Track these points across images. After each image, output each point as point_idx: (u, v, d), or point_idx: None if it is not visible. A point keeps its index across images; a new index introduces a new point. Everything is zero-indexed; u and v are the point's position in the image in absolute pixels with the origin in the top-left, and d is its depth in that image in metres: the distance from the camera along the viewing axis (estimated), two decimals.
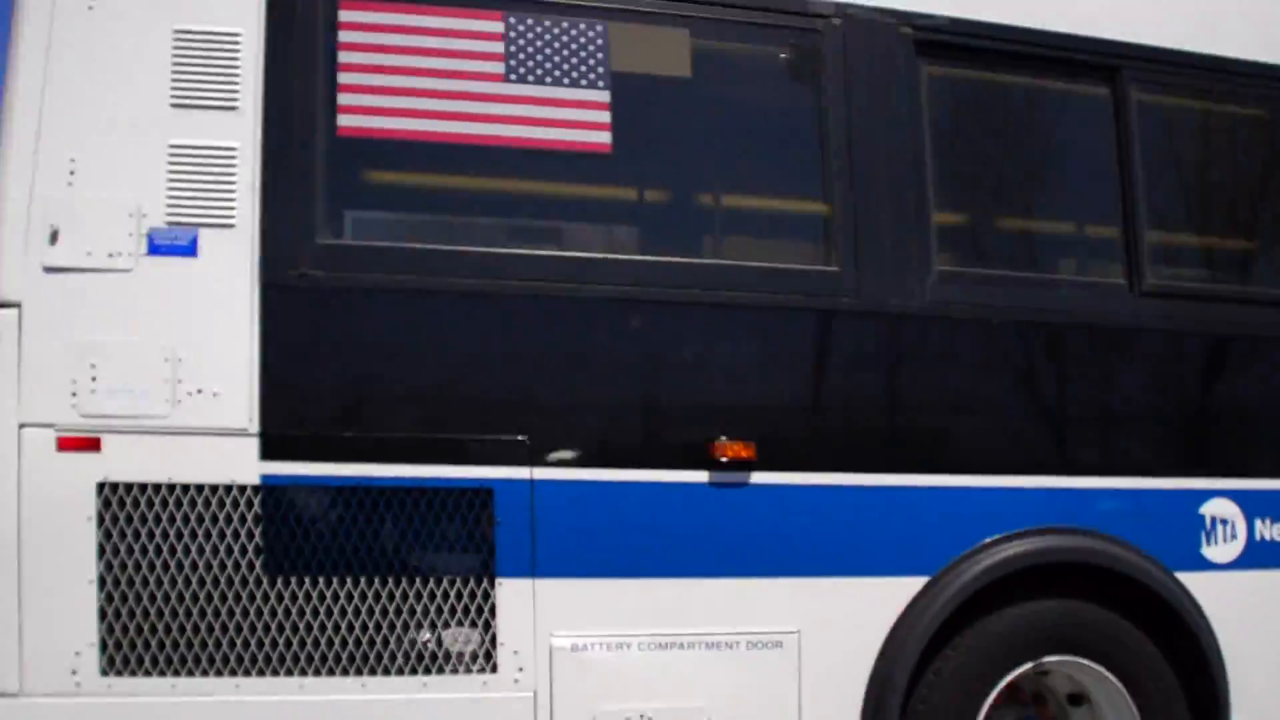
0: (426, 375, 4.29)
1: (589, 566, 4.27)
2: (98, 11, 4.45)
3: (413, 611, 4.22)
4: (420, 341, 4.32)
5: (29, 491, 4.15)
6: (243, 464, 4.19)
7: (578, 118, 4.51)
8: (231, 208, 4.31)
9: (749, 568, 4.34)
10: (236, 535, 4.20)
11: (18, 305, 4.20)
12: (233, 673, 4.10)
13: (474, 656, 4.23)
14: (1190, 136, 5.03)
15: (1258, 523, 4.71)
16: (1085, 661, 4.53)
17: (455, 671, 4.19)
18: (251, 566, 4.17)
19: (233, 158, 4.33)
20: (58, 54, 4.38)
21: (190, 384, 4.24)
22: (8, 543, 4.14)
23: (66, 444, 4.19)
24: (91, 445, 4.20)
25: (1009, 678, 4.49)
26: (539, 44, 4.55)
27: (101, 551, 4.16)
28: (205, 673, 4.10)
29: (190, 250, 4.30)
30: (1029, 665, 4.49)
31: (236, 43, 4.42)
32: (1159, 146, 4.86)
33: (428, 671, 4.19)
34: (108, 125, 4.32)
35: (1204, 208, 5.03)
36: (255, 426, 4.20)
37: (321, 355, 4.27)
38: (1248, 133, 5.10)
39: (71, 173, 4.30)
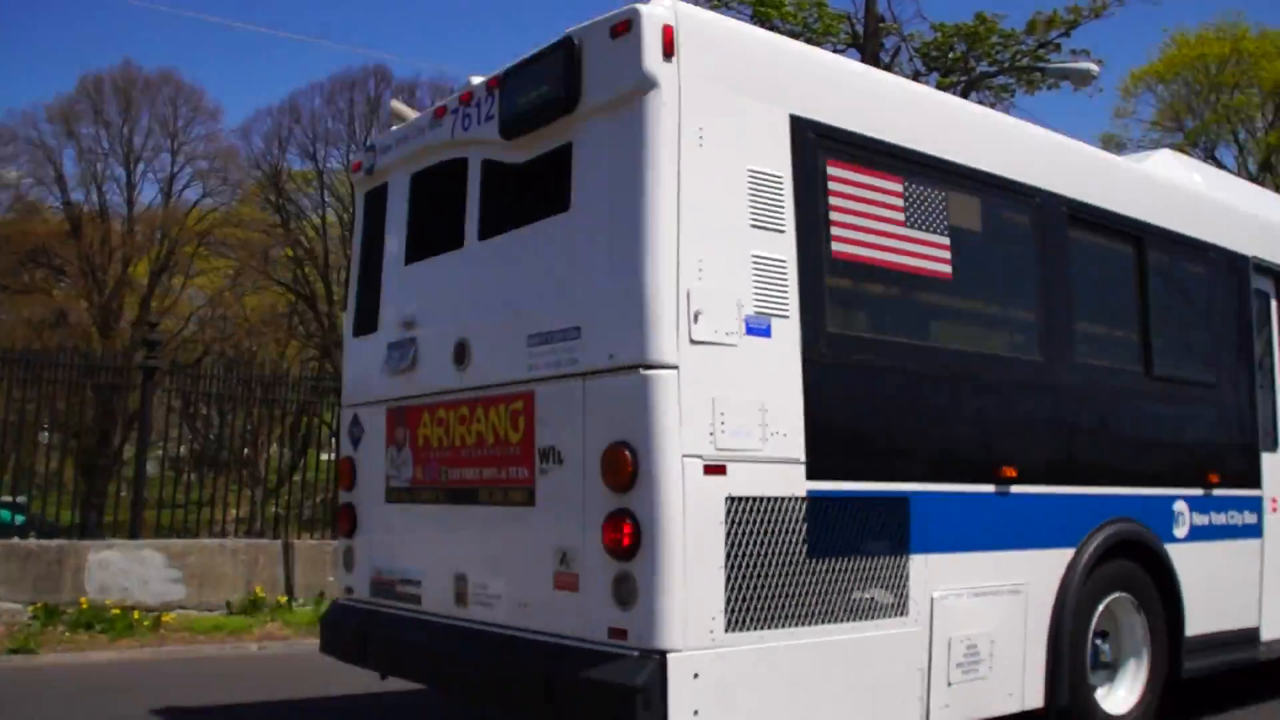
0: (884, 423, 6.69)
1: (947, 545, 6.83)
2: (706, 146, 6.09)
3: (869, 576, 6.49)
4: (880, 401, 6.71)
5: (690, 504, 5.96)
6: (797, 482, 6.29)
7: (934, 254, 7.13)
8: (785, 304, 6.38)
9: (1007, 544, 7.18)
10: (794, 531, 6.26)
11: (676, 368, 5.99)
12: (796, 623, 6.23)
13: (893, 606, 6.66)
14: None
15: (1196, 515, 8.41)
16: (1125, 595, 7.84)
17: (883, 616, 6.62)
18: (802, 551, 6.28)
19: (784, 267, 6.42)
20: (686, 178, 5.99)
21: (772, 427, 6.25)
22: (676, 542, 5.89)
23: (709, 470, 5.97)
24: (722, 471, 6.00)
25: (1107, 600, 7.74)
26: (917, 200, 7.08)
27: (727, 545, 6.03)
28: (785, 625, 6.17)
29: (767, 333, 6.30)
30: (1114, 594, 7.76)
31: (780, 183, 6.47)
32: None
33: (870, 617, 6.57)
34: (717, 236, 6.13)
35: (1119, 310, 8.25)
36: (803, 456, 6.30)
37: (836, 409, 6.48)
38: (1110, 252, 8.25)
39: (700, 270, 5.99)
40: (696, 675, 5.74)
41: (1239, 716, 8.86)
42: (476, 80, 7.29)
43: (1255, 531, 8.87)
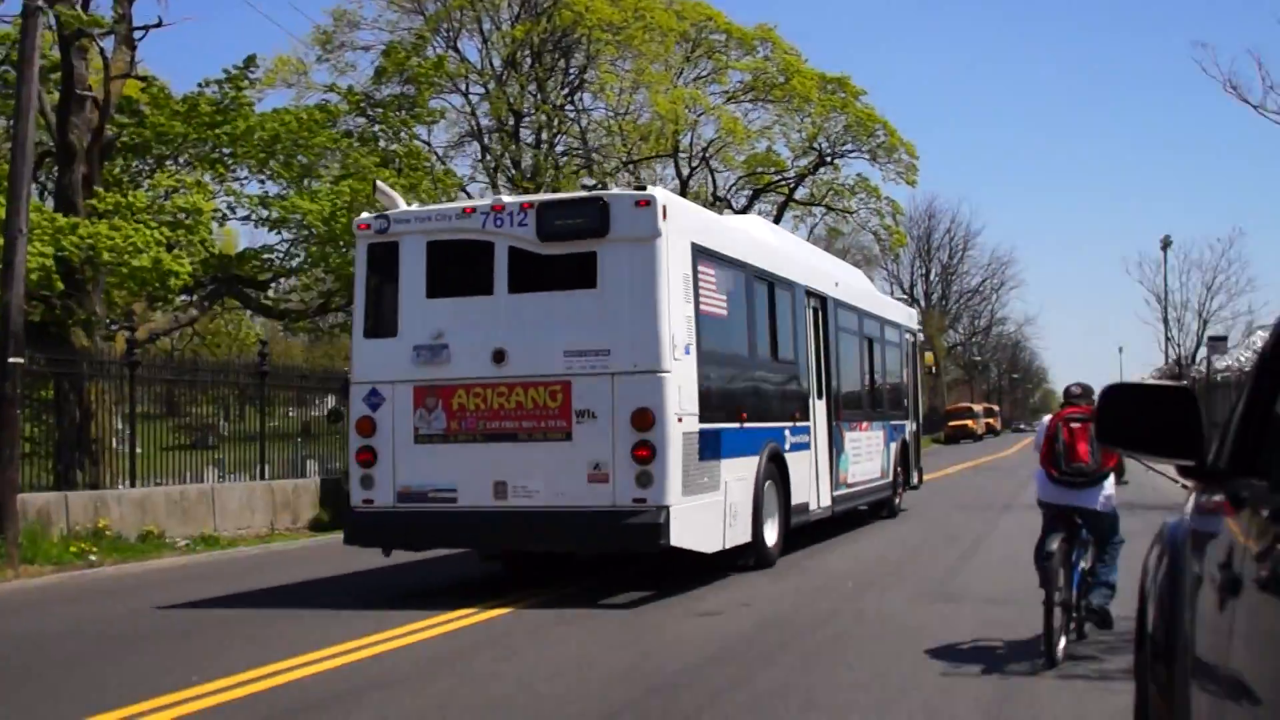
0: (715, 394, 13.23)
1: (728, 454, 13.23)
2: (673, 263, 13.41)
3: None
4: (714, 383, 13.38)
5: (672, 436, 13.00)
6: (695, 424, 13.72)
7: (724, 305, 14.95)
8: (691, 339, 13.97)
9: (743, 453, 14.78)
10: (699, 447, 12.91)
11: (669, 372, 13.38)
12: (699, 492, 13.03)
13: (717, 484, 12.93)
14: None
15: (791, 436, 17.17)
16: (772, 480, 15.32)
17: (715, 490, 13.00)
18: (699, 456, 12.95)
19: (691, 320, 13.66)
20: (668, 279, 13.46)
21: (690, 397, 13.53)
22: (672, 454, 12.89)
23: (679, 419, 13.39)
24: (680, 420, 13.24)
25: (768, 482, 14.78)
26: (720, 278, 14.64)
27: (684, 456, 12.81)
28: (696, 493, 12.70)
29: (689, 353, 13.73)
30: (769, 479, 14.68)
31: (689, 276, 14.08)
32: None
33: (715, 490, 13.35)
34: (677, 306, 13.05)
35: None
36: (698, 411, 13.56)
37: (703, 387, 13.35)
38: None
39: (672, 323, 13.36)
40: (676, 515, 13.36)
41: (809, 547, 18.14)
42: (508, 199, 14.40)
43: (809, 446, 17.78)
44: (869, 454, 21.77)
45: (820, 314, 19.45)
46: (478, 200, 15.63)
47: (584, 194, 14.37)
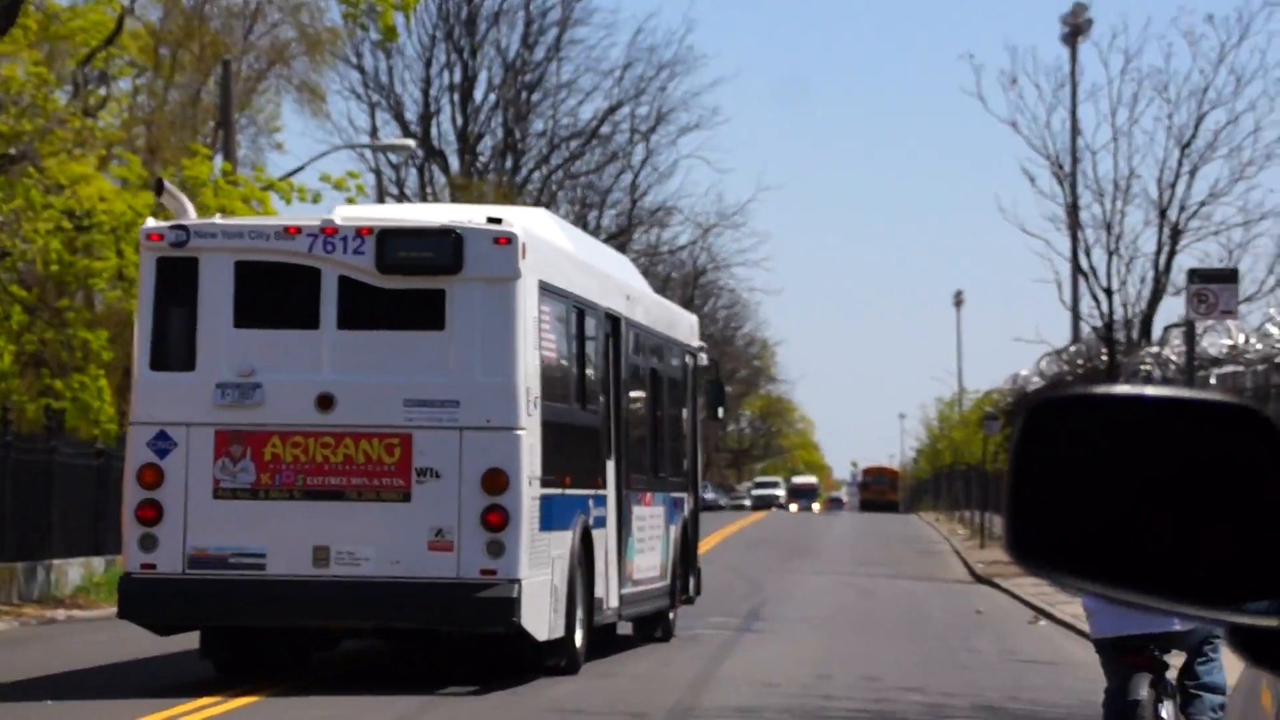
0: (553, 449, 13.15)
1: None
2: (529, 305, 13.30)
3: None
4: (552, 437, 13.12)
5: (528, 500, 12.58)
6: (538, 488, 13.13)
7: (559, 347, 14.11)
8: (538, 388, 13.34)
9: None
10: (537, 514, 12.80)
11: (525, 429, 13.26)
12: (538, 566, 12.91)
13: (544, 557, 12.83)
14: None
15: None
16: None
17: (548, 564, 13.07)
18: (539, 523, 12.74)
19: (537, 368, 13.39)
20: (526, 324, 13.30)
21: (536, 459, 13.05)
22: (525, 521, 12.66)
23: (530, 481, 12.78)
24: (531, 483, 12.88)
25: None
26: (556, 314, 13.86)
27: (533, 522, 12.73)
28: (537, 567, 12.66)
29: (536, 406, 13.44)
30: None
31: (541, 316, 13.74)
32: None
33: (547, 565, 12.93)
34: (531, 353, 13.30)
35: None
36: (540, 474, 12.97)
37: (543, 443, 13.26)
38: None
39: (528, 374, 13.33)
40: (525, 591, 12.63)
41: None
42: (340, 220, 13.07)
43: (604, 522, 16.07)
44: (651, 540, 17.45)
45: (613, 341, 16.20)
46: (302, 219, 13.83)
47: (433, 224, 13.12)
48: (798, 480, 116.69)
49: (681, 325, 19.67)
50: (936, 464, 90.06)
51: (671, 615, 18.38)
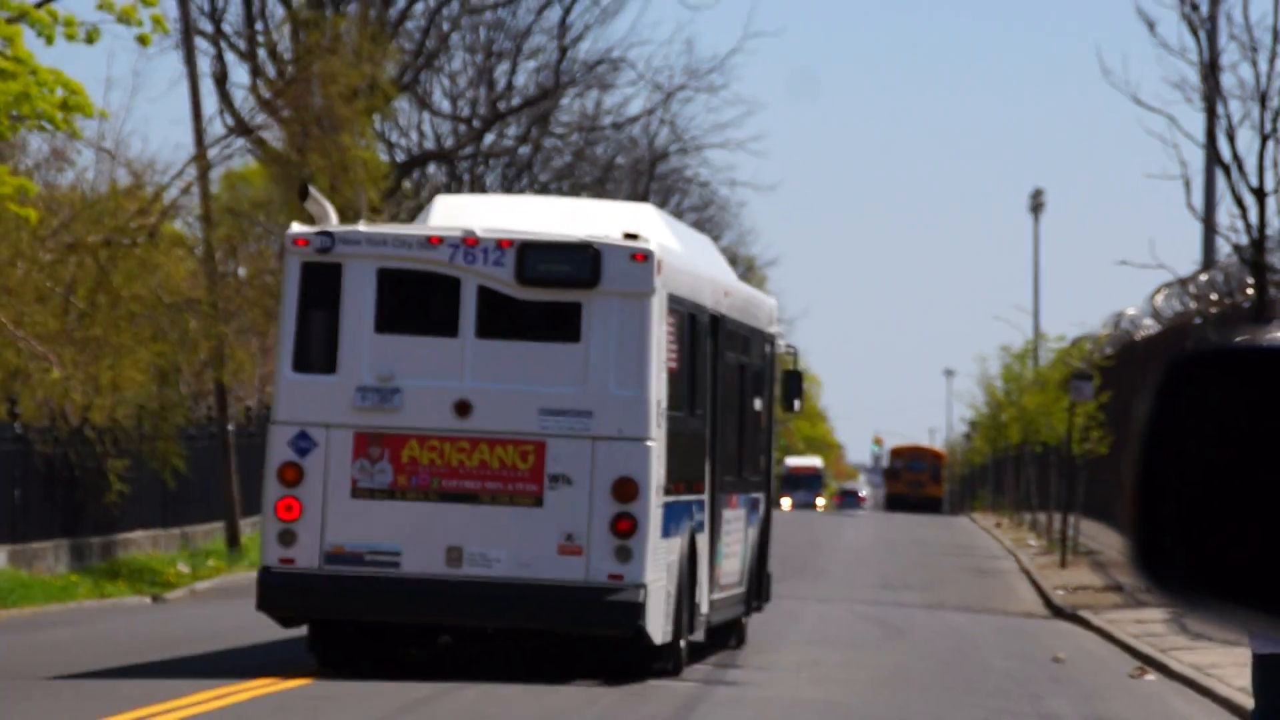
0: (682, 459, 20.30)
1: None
2: (661, 320, 19.45)
3: None
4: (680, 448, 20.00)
5: (654, 509, 19.00)
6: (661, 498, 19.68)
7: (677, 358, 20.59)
8: (665, 398, 19.74)
9: None
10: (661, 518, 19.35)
11: (656, 441, 19.46)
12: (659, 572, 19.15)
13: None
14: None
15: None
16: None
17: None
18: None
19: (666, 382, 19.78)
20: (659, 340, 19.36)
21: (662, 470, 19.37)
22: (653, 530, 18.99)
23: (658, 491, 19.16)
24: (659, 492, 19.32)
25: None
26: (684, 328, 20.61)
27: (660, 527, 19.15)
28: (657, 572, 19.17)
29: (664, 419, 19.61)
30: None
31: (666, 333, 19.97)
32: None
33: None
34: (662, 368, 19.41)
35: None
36: (666, 484, 19.79)
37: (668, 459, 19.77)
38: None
39: (660, 387, 19.45)
40: (650, 596, 18.71)
41: None
42: (481, 233, 18.55)
43: (704, 527, 22.08)
44: (734, 544, 23.68)
45: (712, 342, 22.26)
46: (444, 229, 19.27)
47: (573, 239, 18.94)
48: (793, 464, 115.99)
49: (763, 312, 25.78)
50: (999, 444, 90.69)
51: (745, 621, 24.69)
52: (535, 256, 18.52)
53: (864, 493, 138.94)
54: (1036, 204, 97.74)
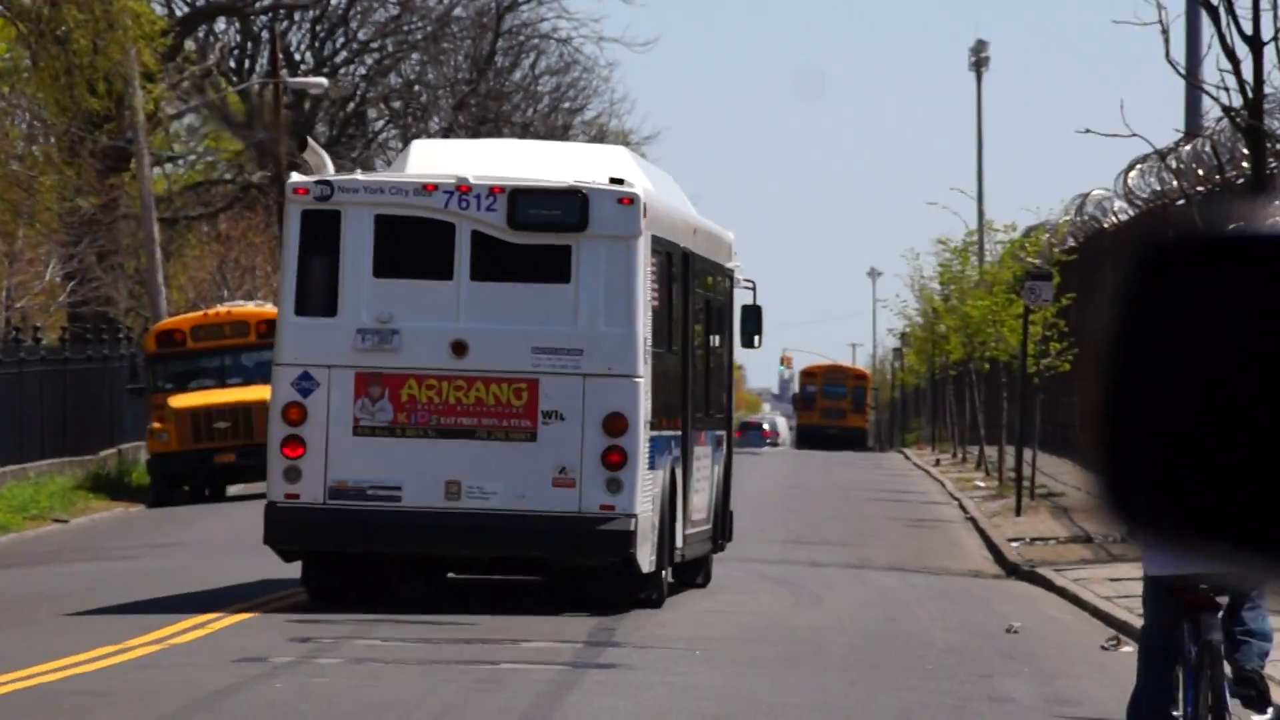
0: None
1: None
2: (646, 261, 25.93)
3: None
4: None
5: (643, 441, 24.83)
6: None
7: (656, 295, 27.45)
8: (649, 335, 26.02)
9: None
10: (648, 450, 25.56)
11: (643, 377, 24.88)
12: (646, 493, 24.96)
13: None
14: None
15: None
16: None
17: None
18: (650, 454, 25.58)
19: (648, 319, 25.69)
20: (645, 280, 25.72)
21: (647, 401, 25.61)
22: (642, 460, 24.91)
23: (646, 424, 25.04)
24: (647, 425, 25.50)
25: None
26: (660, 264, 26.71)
27: (648, 459, 25.29)
28: (649, 501, 25.30)
29: (649, 356, 26.15)
30: None
31: (649, 271, 26.40)
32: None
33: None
34: (647, 305, 25.97)
35: None
36: (651, 418, 25.81)
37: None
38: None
39: (645, 325, 25.68)
40: (640, 525, 24.62)
41: None
42: (474, 179, 24.39)
43: (681, 461, 28.23)
44: (702, 480, 29.64)
45: (683, 278, 28.08)
46: (439, 177, 24.58)
47: (562, 184, 24.15)
48: None
49: (723, 247, 31.88)
50: (936, 362, 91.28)
51: (711, 558, 30.64)
52: (526, 202, 23.94)
53: (772, 427, 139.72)
54: (979, 59, 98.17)
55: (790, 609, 28.99)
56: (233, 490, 54.27)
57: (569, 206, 23.94)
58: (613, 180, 24.97)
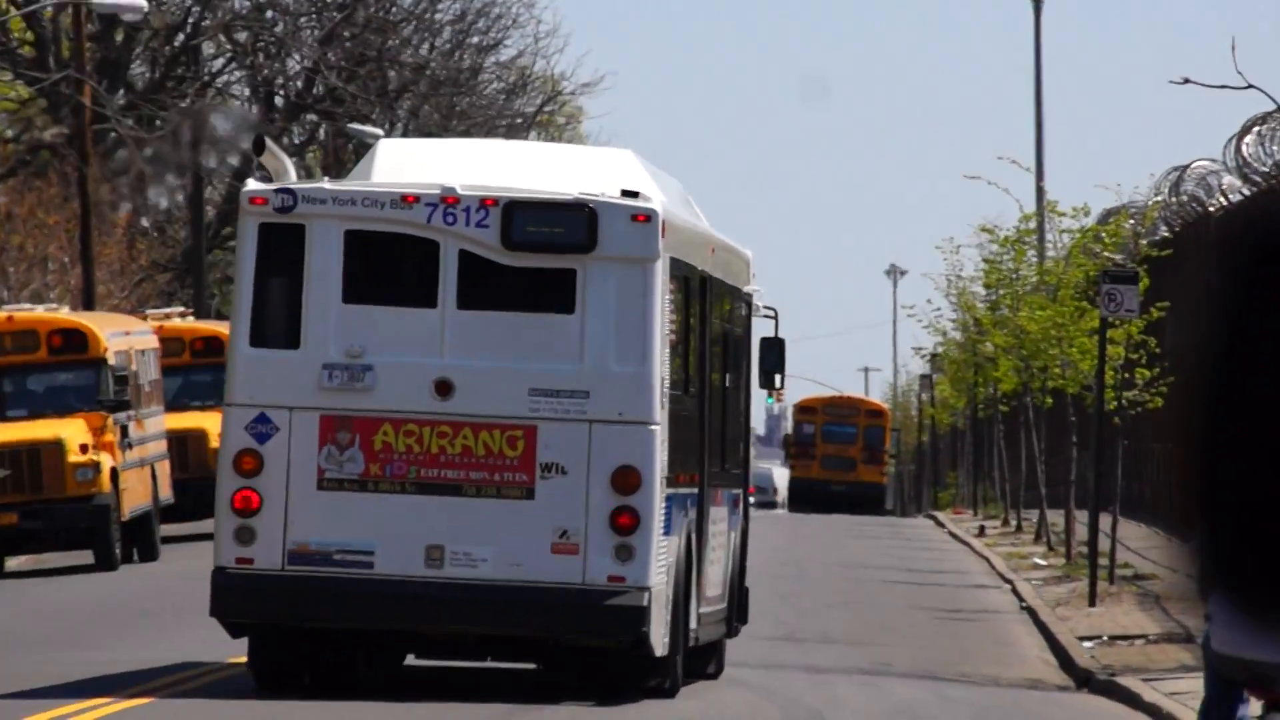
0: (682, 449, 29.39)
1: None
2: (663, 288, 29.19)
3: None
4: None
5: (659, 501, 26.58)
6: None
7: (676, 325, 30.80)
8: (667, 373, 28.41)
9: None
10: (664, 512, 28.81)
11: (659, 424, 27.54)
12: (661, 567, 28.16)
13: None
14: None
15: None
16: None
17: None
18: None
19: (667, 354, 28.24)
20: (662, 311, 28.11)
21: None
22: (657, 524, 26.80)
23: (663, 482, 27.66)
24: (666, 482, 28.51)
25: None
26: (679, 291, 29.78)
27: (663, 521, 27.76)
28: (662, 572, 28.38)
29: (666, 400, 28.55)
30: None
31: (668, 298, 28.96)
32: None
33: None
34: (664, 341, 28.84)
35: None
36: (667, 472, 28.71)
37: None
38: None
39: (663, 363, 28.62)
40: (655, 596, 27.16)
41: None
42: (463, 190, 26.80)
43: (699, 524, 31.13)
44: (718, 548, 32.32)
45: (700, 307, 30.82)
46: (421, 187, 26.69)
47: (566, 197, 26.45)
48: None
49: (741, 268, 34.65)
50: (981, 395, 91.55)
51: (724, 644, 33.06)
52: (524, 217, 26.29)
53: (759, 479, 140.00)
54: None
55: None
56: (13, 564, 53.77)
57: (574, 223, 26.40)
58: (625, 193, 27.33)
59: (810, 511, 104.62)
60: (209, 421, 58.00)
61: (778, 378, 36.34)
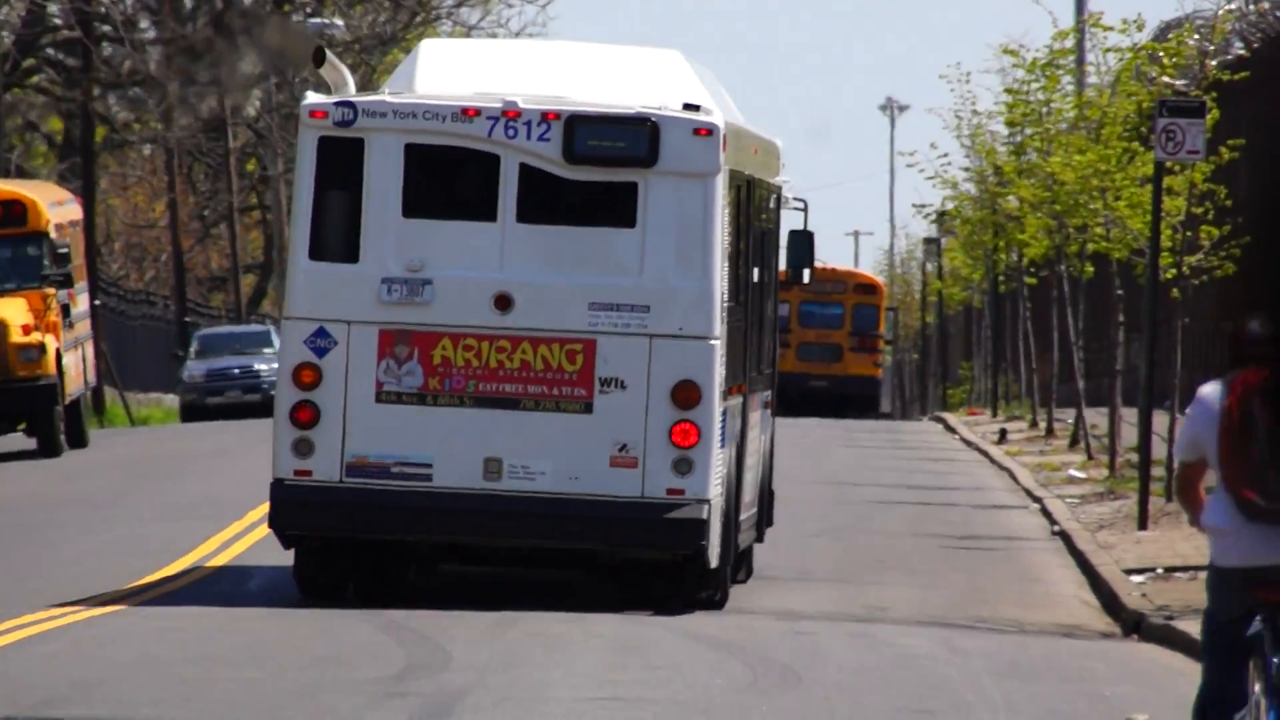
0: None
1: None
2: (724, 202, 36.67)
3: None
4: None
5: (717, 415, 34.74)
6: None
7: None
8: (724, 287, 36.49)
9: None
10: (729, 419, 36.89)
11: (719, 339, 34.89)
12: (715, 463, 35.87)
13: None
14: None
15: None
16: None
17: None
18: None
19: (725, 268, 35.93)
20: (721, 225, 35.51)
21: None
22: (716, 438, 34.68)
23: (721, 394, 35.94)
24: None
25: None
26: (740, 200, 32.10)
27: (723, 432, 35.93)
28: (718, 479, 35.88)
29: (725, 313, 37.58)
30: None
31: (727, 212, 36.47)
32: None
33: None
34: (723, 256, 36.67)
35: None
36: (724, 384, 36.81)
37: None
38: None
39: (723, 279, 36.43)
40: (713, 509, 34.99)
41: None
42: (524, 104, 33.74)
43: (744, 433, 39.89)
44: (754, 453, 39.92)
45: (745, 211, 37.68)
46: (481, 100, 32.81)
47: (628, 110, 32.60)
48: None
49: (774, 162, 41.55)
50: (1002, 263, 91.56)
51: (752, 551, 41.09)
52: (586, 131, 32.37)
53: None
54: None
55: (743, 694, 28.87)
56: None
57: (636, 138, 32.58)
58: (686, 106, 33.87)
59: (784, 414, 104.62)
60: (8, 310, 59.04)
61: (806, 271, 43.34)
